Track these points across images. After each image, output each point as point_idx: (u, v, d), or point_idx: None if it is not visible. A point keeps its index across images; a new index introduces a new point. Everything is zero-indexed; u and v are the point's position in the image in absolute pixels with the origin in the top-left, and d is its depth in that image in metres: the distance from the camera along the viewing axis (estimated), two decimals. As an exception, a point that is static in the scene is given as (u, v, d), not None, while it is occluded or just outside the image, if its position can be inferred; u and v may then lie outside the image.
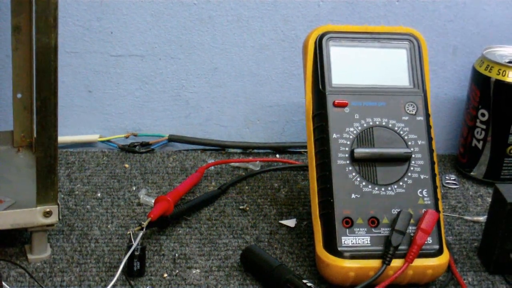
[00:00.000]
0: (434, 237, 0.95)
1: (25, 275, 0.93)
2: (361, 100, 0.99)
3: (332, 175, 0.96)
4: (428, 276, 0.95)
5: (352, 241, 0.93)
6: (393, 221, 0.94)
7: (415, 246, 0.93)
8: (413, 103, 1.00)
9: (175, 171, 1.19)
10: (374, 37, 1.02)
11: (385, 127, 0.98)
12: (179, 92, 1.25)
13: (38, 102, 0.88)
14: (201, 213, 1.09)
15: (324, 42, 1.00)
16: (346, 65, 1.00)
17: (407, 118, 0.99)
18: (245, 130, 1.28)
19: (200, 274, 0.96)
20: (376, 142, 0.97)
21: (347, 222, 0.94)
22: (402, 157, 0.97)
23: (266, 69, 1.25)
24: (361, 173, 0.96)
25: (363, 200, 0.95)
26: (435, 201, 0.97)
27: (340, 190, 0.95)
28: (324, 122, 0.98)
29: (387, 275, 0.92)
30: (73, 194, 1.11)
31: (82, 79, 1.22)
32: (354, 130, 0.97)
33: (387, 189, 0.96)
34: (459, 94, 1.28)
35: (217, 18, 1.21)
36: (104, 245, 1.00)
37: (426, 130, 0.99)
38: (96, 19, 1.19)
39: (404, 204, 0.96)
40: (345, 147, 0.97)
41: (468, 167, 1.22)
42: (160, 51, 1.22)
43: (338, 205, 0.94)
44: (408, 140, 0.98)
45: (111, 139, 1.25)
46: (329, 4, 1.21)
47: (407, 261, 0.92)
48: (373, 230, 0.94)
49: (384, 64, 1.01)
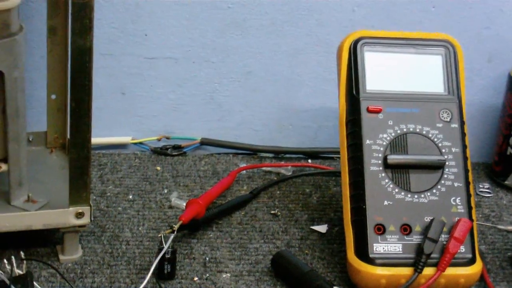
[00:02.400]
0: (467, 245, 0.94)
1: (56, 276, 0.94)
2: (395, 106, 0.98)
3: (365, 181, 0.95)
4: (461, 285, 0.94)
5: (384, 248, 0.93)
6: (425, 228, 0.93)
7: (447, 255, 0.92)
8: (447, 110, 0.99)
9: (207, 174, 1.19)
10: (409, 43, 1.01)
11: (419, 134, 0.97)
12: (212, 96, 1.25)
13: (72, 103, 0.88)
14: (232, 217, 1.09)
15: (359, 48, 1.00)
16: (381, 71, 1.00)
17: (441, 125, 0.98)
18: (277, 134, 1.28)
19: (230, 279, 0.96)
20: (409, 149, 0.97)
21: (379, 229, 0.94)
22: (436, 165, 0.96)
23: (300, 74, 1.24)
24: (394, 179, 0.96)
25: (395, 207, 0.94)
26: (468, 209, 0.96)
27: (372, 196, 0.95)
28: (357, 128, 0.97)
29: (418, 283, 0.92)
30: (105, 195, 1.11)
31: (116, 81, 1.22)
32: (388, 137, 0.97)
33: (420, 196, 0.95)
34: (494, 102, 1.27)
35: (252, 22, 1.21)
36: (135, 247, 1.01)
37: (460, 137, 0.98)
38: (131, 22, 1.19)
39: (437, 212, 0.95)
40: (378, 154, 0.96)
41: (503, 175, 1.21)
42: (194, 54, 1.22)
43: (370, 211, 0.94)
44: (442, 148, 0.97)
45: (143, 141, 1.25)
46: (364, 9, 1.21)
47: (439, 270, 0.92)
48: (405, 238, 0.93)
49: (419, 70, 1.01)
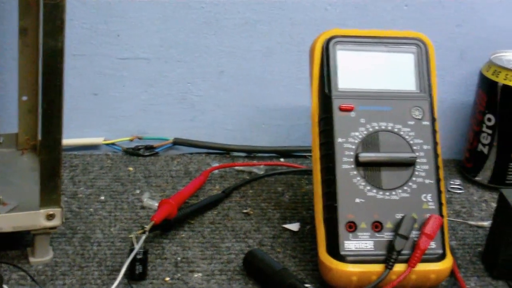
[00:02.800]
0: (438, 241, 0.94)
1: (27, 278, 0.94)
2: (367, 104, 0.98)
3: (337, 179, 0.95)
4: (431, 281, 0.94)
5: (355, 245, 0.93)
6: (396, 225, 0.94)
7: (418, 251, 0.92)
8: (419, 107, 0.99)
9: (179, 174, 1.19)
10: (381, 42, 1.01)
11: (390, 132, 0.98)
12: (185, 96, 1.25)
13: (43, 104, 0.88)
14: (205, 216, 1.09)
15: (331, 46, 1.00)
16: (353, 69, 1.00)
17: (413, 123, 0.98)
18: (250, 133, 1.28)
19: (202, 278, 0.96)
20: (381, 147, 0.97)
21: (350, 226, 0.94)
22: (407, 162, 0.97)
23: (272, 73, 1.24)
24: (365, 177, 0.96)
25: (367, 204, 0.95)
26: (439, 206, 0.96)
27: (344, 194, 0.95)
28: (329, 126, 0.97)
29: (390, 279, 0.92)
30: (77, 197, 1.11)
31: (88, 82, 1.22)
32: (360, 135, 0.97)
33: (391, 193, 0.96)
34: (465, 99, 1.27)
35: (224, 22, 1.21)
36: (107, 248, 1.00)
37: (432, 135, 0.99)
38: (103, 22, 1.19)
39: (408, 208, 0.95)
40: (350, 152, 0.96)
41: (473, 172, 1.22)
42: (166, 54, 1.22)
43: (342, 209, 0.94)
44: (413, 145, 0.98)
45: (115, 142, 1.25)
46: (336, 8, 1.21)
47: (410, 266, 0.92)
48: (376, 235, 0.94)
49: (390, 68, 1.01)
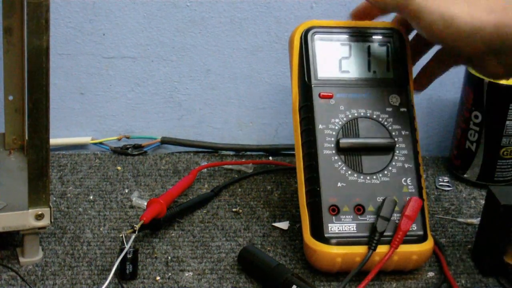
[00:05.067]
0: (418, 223, 0.97)
1: (17, 278, 0.93)
2: (346, 92, 1.01)
3: (319, 164, 0.97)
4: (413, 262, 0.97)
5: (338, 228, 0.95)
6: (378, 208, 0.96)
7: (400, 232, 0.95)
8: (396, 95, 1.01)
9: (168, 173, 1.19)
10: (358, 32, 1.03)
11: (369, 118, 1.00)
12: (172, 94, 1.24)
13: (29, 104, 0.87)
14: (194, 215, 1.09)
15: (310, 37, 1.01)
16: (331, 59, 1.02)
17: (390, 109, 1.01)
18: (238, 132, 1.28)
19: (193, 277, 0.96)
20: (360, 133, 0.99)
21: (333, 209, 0.96)
22: (386, 147, 0.99)
23: (259, 71, 1.24)
24: (346, 162, 0.98)
25: (349, 188, 0.97)
26: (419, 189, 0.98)
27: (326, 179, 0.97)
28: (310, 113, 0.99)
29: (373, 261, 0.94)
30: (65, 196, 1.11)
31: (74, 81, 1.22)
32: (340, 121, 0.99)
33: (372, 177, 0.98)
34: (452, 96, 1.28)
35: (210, 20, 1.21)
36: (96, 248, 1.00)
37: (409, 121, 1.01)
38: (88, 21, 1.18)
39: (389, 192, 0.97)
40: (331, 138, 0.98)
41: (462, 169, 1.22)
42: (153, 53, 1.21)
43: (324, 193, 0.96)
44: (392, 131, 1.00)
45: (103, 141, 1.24)
46: (322, 6, 1.21)
47: (392, 247, 0.94)
48: (358, 218, 0.96)
49: (368, 57, 1.03)
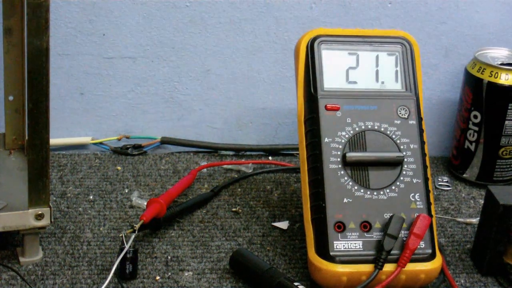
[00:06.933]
0: (427, 241, 0.94)
1: (17, 278, 0.93)
2: (353, 104, 0.98)
3: (324, 179, 0.95)
4: (421, 281, 0.94)
5: (344, 245, 0.93)
6: (385, 225, 0.93)
7: (407, 251, 0.92)
8: (405, 107, 0.99)
9: (168, 173, 1.19)
10: (366, 41, 1.01)
11: (377, 131, 0.98)
12: (172, 94, 1.24)
13: (30, 104, 0.88)
14: (194, 215, 1.09)
15: (316, 46, 0.99)
16: (338, 69, 1.00)
17: (399, 122, 0.98)
18: (237, 132, 1.28)
19: (193, 277, 0.96)
20: (368, 146, 0.97)
21: (339, 226, 0.94)
22: (394, 161, 0.97)
23: (259, 71, 1.25)
24: (353, 177, 0.96)
25: (355, 204, 0.94)
26: (427, 205, 0.96)
27: (332, 194, 0.94)
28: (315, 126, 0.97)
29: (379, 280, 0.92)
30: (65, 196, 1.11)
31: (74, 82, 1.22)
32: (346, 134, 0.97)
33: (379, 193, 0.95)
34: (451, 96, 1.28)
35: (210, 20, 1.21)
36: (96, 247, 1.00)
37: (418, 134, 0.99)
38: (89, 21, 1.19)
39: (396, 208, 0.95)
40: (337, 151, 0.96)
41: (461, 169, 1.22)
42: (153, 53, 1.22)
43: (330, 209, 0.94)
44: (400, 144, 0.98)
45: (103, 141, 1.25)
46: (321, 6, 1.21)
47: (399, 266, 0.92)
48: (365, 235, 0.94)
49: (375, 67, 1.01)
